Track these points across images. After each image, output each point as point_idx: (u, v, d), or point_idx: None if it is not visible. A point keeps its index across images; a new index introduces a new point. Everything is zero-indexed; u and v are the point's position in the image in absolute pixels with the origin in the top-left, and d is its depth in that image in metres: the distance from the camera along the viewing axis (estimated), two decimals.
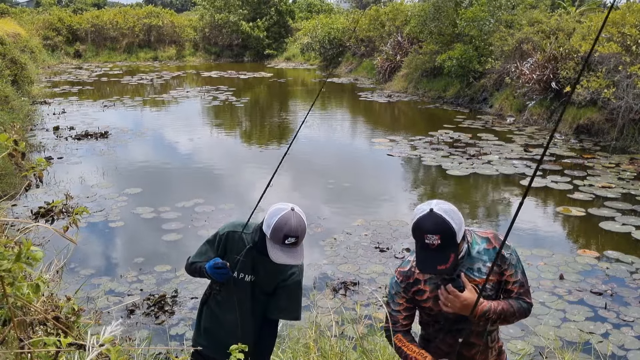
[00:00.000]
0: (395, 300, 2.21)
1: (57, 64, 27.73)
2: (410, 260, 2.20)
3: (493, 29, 15.75)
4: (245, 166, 10.44)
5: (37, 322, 1.79)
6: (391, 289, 2.22)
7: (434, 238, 2.01)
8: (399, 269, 2.22)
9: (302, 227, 2.35)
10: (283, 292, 2.53)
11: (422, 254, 2.02)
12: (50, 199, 7.61)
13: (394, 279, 2.21)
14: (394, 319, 2.22)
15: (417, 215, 2.08)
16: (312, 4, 36.78)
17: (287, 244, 2.32)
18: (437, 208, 2.03)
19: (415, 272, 2.15)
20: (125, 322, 4.80)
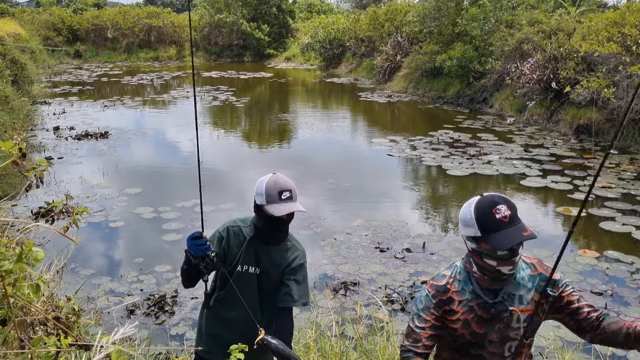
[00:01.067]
0: (423, 315, 1.97)
1: (57, 64, 27.73)
2: (445, 275, 1.99)
3: (493, 29, 15.75)
4: (245, 166, 10.44)
5: (37, 322, 1.79)
6: (419, 302, 2.00)
7: (503, 209, 1.84)
8: (432, 282, 2.01)
9: (291, 182, 2.42)
10: (290, 278, 2.48)
11: (498, 233, 1.80)
12: (50, 199, 7.61)
13: (424, 292, 2.00)
14: (416, 337, 1.95)
15: (473, 203, 1.91)
16: (312, 4, 36.77)
17: (284, 199, 2.35)
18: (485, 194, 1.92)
19: (451, 290, 1.96)
20: (125, 322, 4.80)
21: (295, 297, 2.45)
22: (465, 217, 1.89)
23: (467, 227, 1.88)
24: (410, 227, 7.15)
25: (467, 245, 1.92)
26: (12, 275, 1.49)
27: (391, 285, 5.53)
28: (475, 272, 1.91)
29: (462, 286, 1.95)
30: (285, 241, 2.52)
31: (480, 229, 1.83)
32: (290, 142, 12.79)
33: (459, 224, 1.95)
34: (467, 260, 1.97)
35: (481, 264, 1.87)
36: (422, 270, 5.88)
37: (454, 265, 2.02)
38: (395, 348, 3.70)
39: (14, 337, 1.63)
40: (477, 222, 1.85)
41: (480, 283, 1.93)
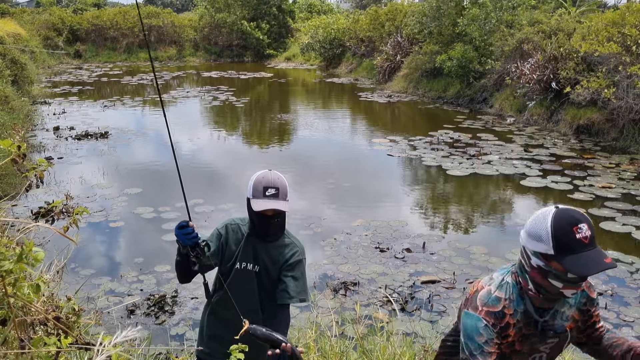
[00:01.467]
0: (486, 349, 1.70)
1: (57, 64, 27.72)
2: (500, 298, 1.75)
3: (494, 28, 15.75)
4: (245, 166, 10.43)
5: (37, 322, 1.80)
6: (476, 335, 1.71)
7: (585, 228, 1.63)
8: (485, 309, 1.74)
9: (282, 181, 2.40)
10: (288, 274, 2.47)
11: (577, 256, 1.61)
12: (50, 199, 7.61)
13: (480, 322, 1.72)
14: None
15: (549, 216, 1.65)
16: (312, 4, 36.78)
17: (268, 195, 2.35)
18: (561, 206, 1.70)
19: (507, 314, 1.74)
20: (125, 322, 4.80)
21: (292, 293, 2.43)
22: (538, 231, 1.66)
23: (537, 242, 1.67)
24: (410, 227, 7.15)
25: (530, 261, 1.72)
26: (12, 275, 1.49)
27: (391, 285, 5.53)
28: (531, 290, 1.74)
29: (514, 307, 1.76)
30: (283, 238, 2.52)
31: (555, 247, 1.62)
32: (290, 142, 12.79)
33: (524, 235, 1.73)
34: (522, 276, 1.77)
35: (542, 283, 1.70)
36: (422, 270, 5.88)
37: (504, 284, 1.79)
38: (395, 348, 3.70)
39: (14, 337, 1.63)
40: (553, 240, 1.62)
41: (534, 302, 1.77)
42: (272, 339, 2.11)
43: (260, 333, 2.14)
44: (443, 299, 5.30)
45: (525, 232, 1.73)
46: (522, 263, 1.76)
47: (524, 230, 1.75)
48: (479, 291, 1.80)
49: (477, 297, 1.78)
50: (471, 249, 6.42)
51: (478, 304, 1.76)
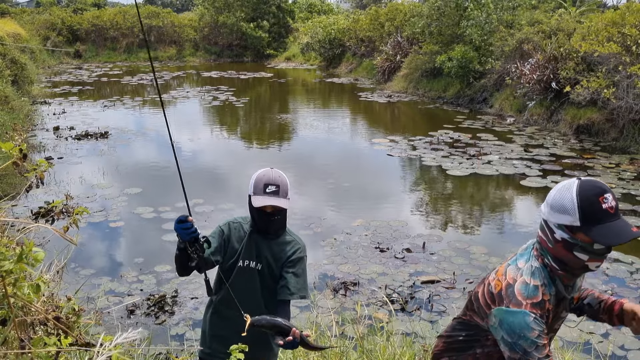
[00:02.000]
0: (540, 343, 1.62)
1: (57, 64, 27.72)
2: (537, 286, 1.69)
3: (494, 29, 15.75)
4: (245, 166, 10.43)
5: (37, 322, 1.80)
6: (529, 331, 1.63)
7: (610, 198, 1.59)
8: (529, 302, 1.66)
9: (283, 179, 2.44)
10: (289, 271, 2.48)
11: (603, 226, 1.58)
12: (50, 199, 7.61)
13: (528, 317, 1.64)
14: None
15: (574, 187, 1.62)
16: (312, 4, 36.78)
17: (268, 192, 2.39)
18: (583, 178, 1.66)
19: (546, 301, 1.69)
20: (125, 322, 4.80)
21: (293, 289, 2.44)
22: (563, 202, 1.62)
23: (562, 214, 1.63)
24: (410, 227, 7.15)
25: (554, 235, 1.67)
26: (12, 276, 1.49)
27: (391, 285, 5.53)
28: (558, 269, 1.70)
29: (549, 291, 1.70)
30: (285, 235, 2.54)
31: (582, 218, 1.58)
32: (290, 142, 12.80)
33: (546, 208, 1.69)
34: (543, 255, 1.73)
35: (567, 257, 1.66)
36: (422, 270, 5.88)
37: (535, 270, 1.73)
38: (395, 348, 3.70)
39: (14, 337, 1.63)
40: (579, 211, 1.58)
41: (562, 280, 1.73)
42: (278, 325, 2.13)
43: (265, 322, 2.15)
44: (443, 299, 5.30)
45: (548, 205, 1.68)
46: (544, 239, 1.72)
47: (545, 204, 1.70)
48: (512, 285, 1.71)
49: (514, 291, 1.69)
50: (471, 249, 6.42)
51: (520, 298, 1.67)
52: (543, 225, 1.72)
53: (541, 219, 1.74)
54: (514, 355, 1.65)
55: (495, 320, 1.72)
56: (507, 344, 1.67)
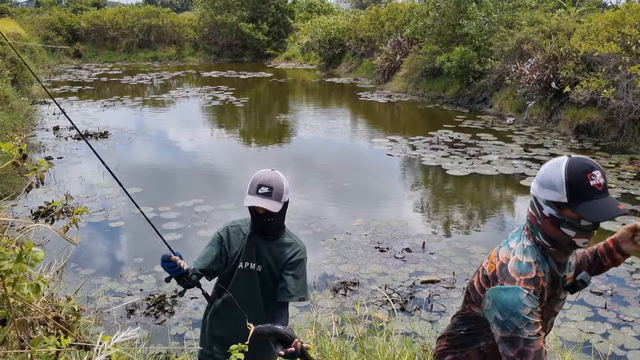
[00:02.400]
0: (531, 321, 1.61)
1: (57, 64, 27.72)
2: (530, 263, 1.69)
3: (493, 29, 15.75)
4: (245, 166, 10.43)
5: (37, 322, 1.79)
6: (521, 308, 1.62)
7: (598, 175, 1.61)
8: (522, 278, 1.66)
9: (278, 180, 2.41)
10: (289, 273, 2.48)
11: (591, 203, 1.60)
12: (50, 199, 7.60)
13: (521, 294, 1.63)
14: (535, 348, 1.61)
15: (563, 164, 1.64)
16: (312, 3, 36.77)
17: (260, 193, 2.37)
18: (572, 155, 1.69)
19: (540, 277, 1.69)
20: (125, 322, 4.80)
21: (292, 292, 2.45)
22: (552, 178, 1.64)
23: (550, 190, 1.65)
24: (410, 227, 7.15)
25: (542, 210, 1.69)
26: (12, 275, 1.49)
27: (391, 285, 5.53)
28: (547, 245, 1.71)
29: (543, 269, 1.70)
30: (284, 236, 2.53)
31: (569, 195, 1.61)
32: (290, 142, 12.80)
33: (535, 185, 1.71)
34: (534, 233, 1.74)
35: (555, 233, 1.68)
36: (422, 270, 5.88)
37: (527, 248, 1.73)
38: (394, 348, 3.70)
39: (13, 336, 1.63)
40: (567, 187, 1.61)
41: (555, 257, 1.74)
42: (281, 334, 2.14)
43: (268, 330, 2.15)
44: (443, 298, 5.30)
45: (537, 181, 1.70)
46: (534, 216, 1.73)
47: (535, 180, 1.72)
48: (505, 264, 1.71)
49: (507, 269, 1.69)
50: (471, 248, 6.42)
51: (513, 275, 1.67)
52: (533, 202, 1.74)
53: (531, 195, 1.75)
54: (504, 333, 1.64)
55: (489, 302, 1.71)
56: (499, 323, 1.65)
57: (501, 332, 1.65)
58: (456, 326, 1.98)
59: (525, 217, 1.81)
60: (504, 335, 1.64)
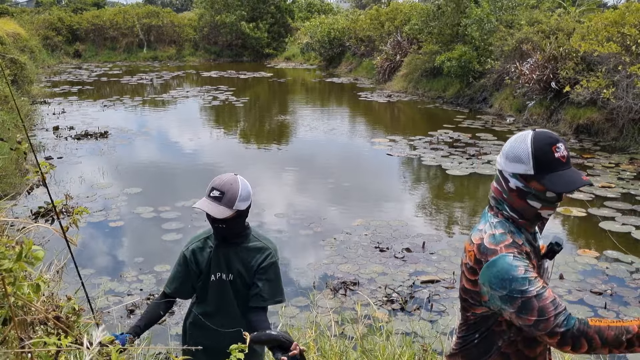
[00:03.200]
0: (532, 276, 1.60)
1: (57, 64, 27.71)
2: (504, 233, 1.71)
3: (493, 29, 15.75)
4: (245, 166, 10.43)
5: (37, 322, 1.79)
6: (514, 270, 1.60)
7: (562, 148, 1.66)
8: (501, 245, 1.67)
9: (233, 186, 2.32)
10: (263, 278, 2.44)
11: (556, 174, 1.65)
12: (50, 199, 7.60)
13: (508, 257, 1.63)
14: (550, 299, 1.57)
15: (529, 137, 1.68)
16: (312, 3, 36.76)
17: (211, 196, 2.33)
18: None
19: (519, 243, 1.70)
20: (125, 322, 4.80)
21: (267, 296, 2.43)
22: (518, 152, 1.68)
23: (516, 163, 1.69)
24: (410, 226, 7.15)
25: (508, 183, 1.72)
26: (12, 275, 1.49)
27: (391, 285, 5.53)
28: (516, 218, 1.74)
29: (519, 237, 1.72)
30: (252, 241, 2.48)
31: (535, 166, 1.65)
32: (290, 142, 12.79)
33: (501, 159, 1.75)
34: (500, 209, 1.77)
35: (521, 206, 1.71)
36: (422, 270, 5.88)
37: (497, 223, 1.74)
38: (394, 348, 3.71)
39: (14, 336, 1.63)
40: (533, 159, 1.65)
41: (527, 229, 1.76)
42: (279, 339, 2.11)
43: (265, 337, 2.13)
44: (443, 298, 5.30)
45: (503, 155, 1.74)
46: (499, 190, 1.76)
47: (501, 154, 1.76)
48: (481, 243, 1.71)
49: (485, 246, 1.69)
50: None
51: (492, 247, 1.67)
52: (498, 176, 1.78)
53: (496, 170, 1.79)
54: (515, 304, 1.60)
55: (486, 287, 1.67)
56: (505, 299, 1.62)
57: (512, 305, 1.61)
58: (466, 339, 1.88)
59: (490, 196, 1.83)
60: (516, 305, 1.60)
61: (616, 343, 1.51)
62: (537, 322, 1.57)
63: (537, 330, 1.58)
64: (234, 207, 2.32)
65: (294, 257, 6.34)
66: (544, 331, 1.57)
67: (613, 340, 1.51)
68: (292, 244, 6.64)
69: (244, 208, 2.37)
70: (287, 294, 5.17)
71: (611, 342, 1.51)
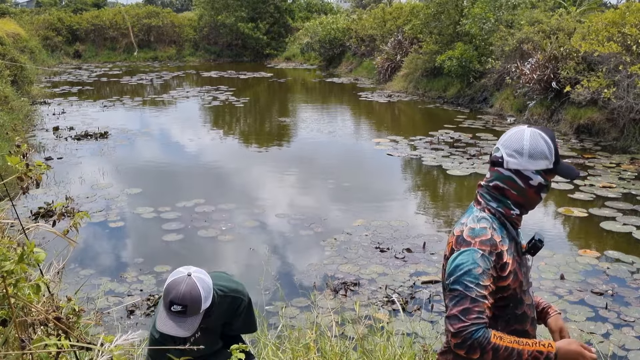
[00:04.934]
0: (482, 281, 1.65)
1: (57, 64, 27.71)
2: (485, 227, 1.74)
3: (493, 28, 15.75)
4: (246, 166, 10.43)
5: (38, 323, 1.79)
6: (474, 267, 1.66)
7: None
8: (477, 240, 1.71)
9: (194, 296, 2.10)
10: (237, 322, 2.47)
11: (563, 163, 1.78)
12: (50, 200, 7.60)
13: (476, 254, 1.68)
14: (480, 309, 1.62)
15: (541, 134, 1.78)
16: (312, 3, 36.74)
17: (173, 312, 2.11)
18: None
19: (497, 241, 1.72)
20: (125, 323, 4.79)
21: (238, 330, 2.52)
22: (542, 149, 1.73)
23: (542, 160, 1.73)
24: (411, 227, 7.14)
25: (530, 181, 1.75)
26: (13, 276, 1.49)
27: (391, 285, 5.53)
28: (514, 212, 1.79)
29: (500, 234, 1.75)
30: (221, 297, 2.34)
31: (555, 160, 1.75)
32: (290, 142, 12.79)
33: (522, 158, 1.75)
34: (503, 205, 1.80)
35: (533, 198, 1.78)
36: (423, 271, 5.87)
37: (482, 218, 1.79)
38: (395, 348, 3.70)
39: (14, 337, 1.63)
40: (555, 153, 1.74)
41: (514, 225, 1.80)
42: None
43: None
44: (443, 299, 5.29)
45: (522, 155, 1.75)
46: (506, 189, 1.80)
47: (517, 154, 1.76)
48: (460, 235, 1.77)
49: (463, 237, 1.75)
50: None
51: (469, 239, 1.73)
52: (512, 176, 1.78)
53: (507, 170, 1.79)
54: (453, 292, 1.68)
55: (448, 272, 1.75)
56: (450, 285, 1.70)
57: (450, 292, 1.69)
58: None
59: (477, 194, 1.90)
60: (452, 294, 1.68)
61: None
62: (454, 317, 1.64)
63: (450, 324, 1.65)
64: (200, 310, 2.15)
65: (295, 258, 6.33)
66: (453, 329, 1.63)
67: (503, 359, 1.62)
68: (292, 245, 6.64)
69: (210, 303, 2.20)
70: (288, 295, 5.19)
71: (501, 359, 1.62)
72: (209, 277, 2.23)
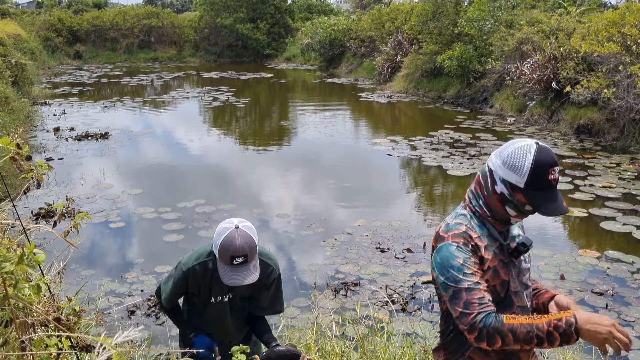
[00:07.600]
0: (468, 269, 1.67)
1: (58, 65, 27.72)
2: (460, 223, 1.77)
3: (493, 29, 15.75)
4: (246, 166, 10.44)
5: (38, 323, 1.80)
6: (453, 259, 1.69)
7: (557, 171, 1.69)
8: (450, 234, 1.74)
9: (250, 244, 2.24)
10: (265, 292, 2.49)
11: (543, 195, 1.68)
12: (50, 200, 7.61)
13: (451, 247, 1.71)
14: (479, 295, 1.64)
15: (532, 151, 1.67)
16: (312, 4, 36.75)
17: (235, 264, 2.23)
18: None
19: (472, 235, 1.75)
20: (125, 323, 4.80)
21: (266, 307, 2.51)
22: (517, 161, 1.69)
23: (511, 172, 1.70)
24: (411, 227, 7.15)
25: (495, 185, 1.74)
26: (13, 277, 1.50)
27: (392, 285, 5.53)
28: (486, 214, 1.79)
29: (479, 231, 1.77)
30: None
31: (528, 182, 1.67)
32: (291, 142, 12.80)
33: (497, 161, 1.74)
34: (477, 205, 1.81)
35: (497, 208, 1.76)
36: (423, 271, 5.87)
37: (460, 215, 1.82)
38: (395, 348, 3.70)
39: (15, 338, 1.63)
40: (529, 174, 1.66)
41: (496, 227, 1.80)
42: (288, 356, 2.15)
43: (274, 356, 2.18)
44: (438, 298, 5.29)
45: (500, 158, 1.74)
46: (481, 186, 1.80)
47: (498, 155, 1.75)
48: (438, 232, 1.81)
49: (438, 233, 1.80)
50: None
51: (442, 235, 1.77)
52: (486, 173, 1.79)
53: (486, 165, 1.80)
54: (448, 292, 1.69)
55: (435, 274, 1.76)
56: (443, 287, 1.71)
57: (447, 293, 1.70)
58: (444, 331, 1.92)
59: (469, 189, 1.87)
60: (449, 294, 1.68)
61: (527, 339, 1.58)
62: (461, 315, 1.65)
63: (461, 323, 1.65)
64: (257, 252, 2.30)
65: (295, 258, 6.34)
66: (465, 325, 1.63)
67: (524, 337, 1.58)
68: (293, 245, 6.64)
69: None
70: (288, 295, 5.19)
71: (522, 338, 1.58)
72: (250, 223, 2.36)
